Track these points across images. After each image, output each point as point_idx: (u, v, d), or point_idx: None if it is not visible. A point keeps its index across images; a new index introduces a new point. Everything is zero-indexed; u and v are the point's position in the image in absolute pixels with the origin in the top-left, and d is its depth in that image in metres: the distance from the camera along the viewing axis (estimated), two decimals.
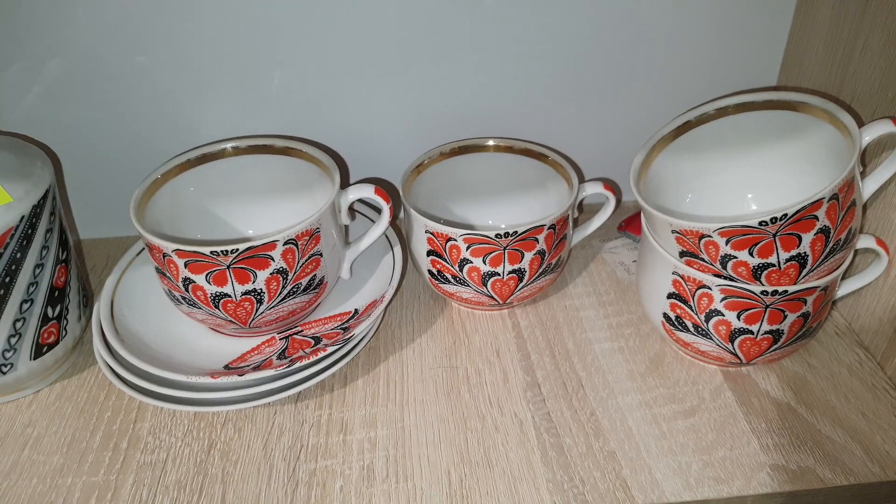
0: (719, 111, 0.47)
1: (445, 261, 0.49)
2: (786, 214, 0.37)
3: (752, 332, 0.42)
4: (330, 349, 0.44)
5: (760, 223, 0.38)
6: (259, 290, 0.43)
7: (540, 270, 0.49)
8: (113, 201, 0.59)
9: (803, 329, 0.42)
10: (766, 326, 0.42)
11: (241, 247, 0.41)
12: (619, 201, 0.55)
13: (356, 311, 0.49)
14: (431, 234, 0.48)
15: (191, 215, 0.50)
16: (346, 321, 0.48)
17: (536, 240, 0.47)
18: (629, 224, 0.60)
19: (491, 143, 0.55)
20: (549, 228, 0.47)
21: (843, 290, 0.46)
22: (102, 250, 0.61)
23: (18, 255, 0.43)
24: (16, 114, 0.54)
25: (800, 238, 0.38)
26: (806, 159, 0.45)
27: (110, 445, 0.44)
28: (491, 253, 0.47)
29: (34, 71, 0.52)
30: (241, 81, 0.54)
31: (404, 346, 0.50)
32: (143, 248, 0.52)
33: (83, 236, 0.62)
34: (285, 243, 0.42)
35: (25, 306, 0.44)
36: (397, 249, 0.51)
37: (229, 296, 0.43)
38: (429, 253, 0.49)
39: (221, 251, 0.41)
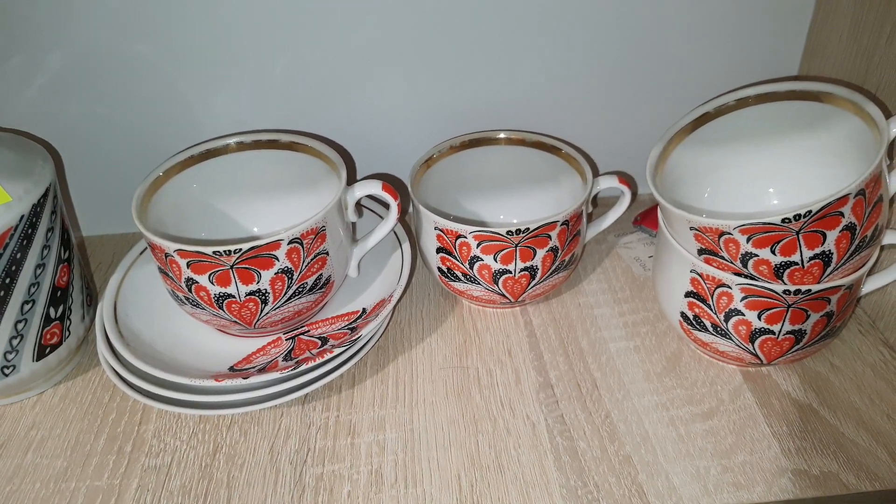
0: (739, 102, 0.45)
1: (455, 258, 0.47)
2: (810, 211, 0.36)
3: (773, 333, 0.41)
4: (337, 350, 0.42)
5: (783, 220, 0.36)
6: (264, 291, 0.42)
7: (553, 268, 0.48)
8: (117, 197, 0.58)
9: (827, 329, 0.41)
10: (788, 326, 0.40)
11: (245, 246, 0.40)
12: (634, 195, 0.53)
13: (364, 310, 0.48)
14: (441, 230, 0.47)
15: (195, 213, 0.49)
16: (353, 321, 0.47)
17: (549, 236, 0.46)
18: (645, 218, 0.58)
19: (502, 135, 0.53)
20: (562, 224, 0.46)
21: (867, 287, 0.44)
22: (108, 247, 0.60)
23: (19, 255, 0.42)
24: (15, 109, 0.53)
25: (824, 235, 0.37)
26: (830, 152, 0.44)
27: (114, 448, 0.43)
28: (502, 250, 0.46)
29: (33, 64, 0.51)
30: (244, 74, 0.53)
31: (413, 346, 0.49)
32: (146, 248, 0.51)
33: (87, 233, 0.61)
34: (290, 242, 0.41)
35: (27, 307, 0.43)
36: (406, 246, 0.50)
37: (233, 296, 0.42)
38: (438, 250, 0.48)
39: (224, 251, 0.39)
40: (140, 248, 0.51)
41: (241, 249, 0.40)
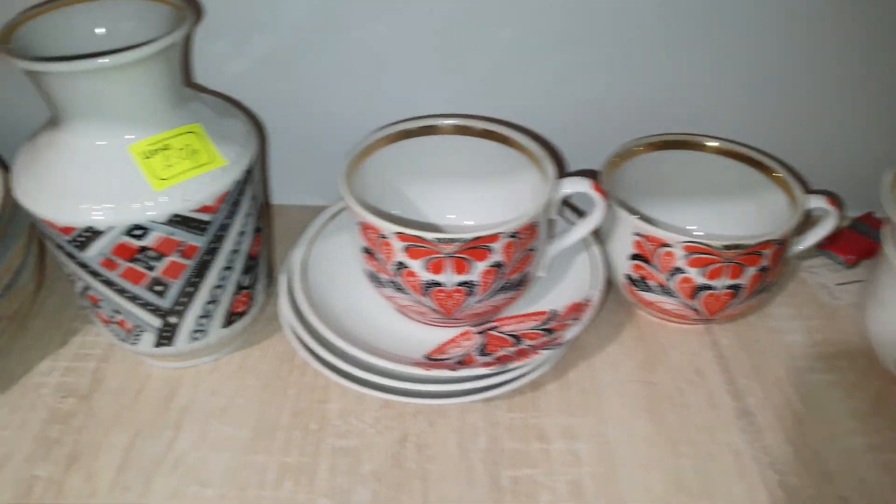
0: None
1: (655, 268, 0.45)
2: None
3: None
4: (545, 353, 0.41)
5: None
6: (474, 282, 0.40)
7: (758, 287, 0.45)
8: (298, 168, 0.57)
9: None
10: None
11: (467, 236, 0.38)
12: (841, 217, 0.50)
13: (555, 312, 0.46)
14: (642, 237, 0.45)
15: (389, 192, 0.47)
16: (544, 322, 0.45)
17: (762, 255, 0.43)
18: (833, 243, 0.55)
19: (712, 143, 0.50)
20: (777, 244, 0.43)
21: None
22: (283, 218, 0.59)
23: (227, 220, 0.41)
24: (220, 79, 0.52)
25: None
26: None
27: (300, 425, 0.42)
28: (711, 264, 0.43)
29: (240, 45, 0.50)
30: (456, 60, 0.51)
31: (594, 354, 0.47)
32: (327, 220, 0.50)
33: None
34: (509, 236, 0.39)
35: (226, 273, 0.43)
36: (596, 249, 0.48)
37: (442, 285, 0.40)
38: (633, 257, 0.46)
39: (447, 239, 0.38)
40: (321, 221, 0.50)
41: (463, 239, 0.38)
